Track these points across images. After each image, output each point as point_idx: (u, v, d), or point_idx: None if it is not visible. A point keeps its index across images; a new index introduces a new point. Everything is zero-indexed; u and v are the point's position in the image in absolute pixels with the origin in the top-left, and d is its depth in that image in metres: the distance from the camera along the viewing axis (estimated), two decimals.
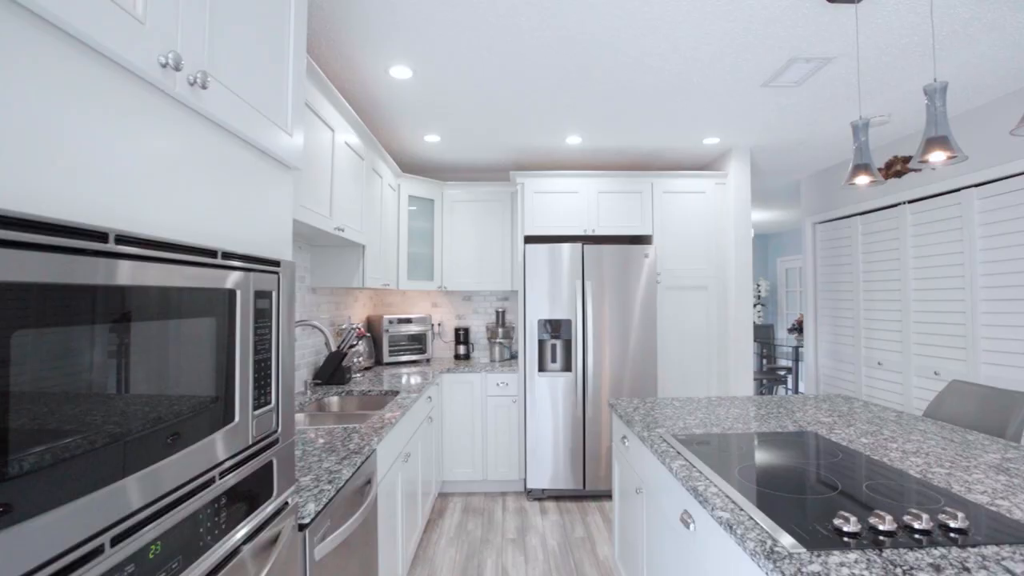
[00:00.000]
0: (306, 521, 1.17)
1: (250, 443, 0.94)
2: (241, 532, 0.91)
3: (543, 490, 3.37)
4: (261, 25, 1.00)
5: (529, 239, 3.59)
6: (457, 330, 3.83)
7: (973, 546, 0.99)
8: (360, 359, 3.08)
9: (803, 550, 0.98)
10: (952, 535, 1.04)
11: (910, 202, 3.14)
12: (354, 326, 2.96)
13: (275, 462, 1.04)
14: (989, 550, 0.98)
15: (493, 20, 1.92)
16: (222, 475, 0.85)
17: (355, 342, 2.84)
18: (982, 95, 2.61)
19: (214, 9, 0.83)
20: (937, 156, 1.37)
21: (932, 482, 1.32)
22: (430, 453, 2.98)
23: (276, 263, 1.05)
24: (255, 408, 0.96)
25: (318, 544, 1.23)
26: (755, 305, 6.82)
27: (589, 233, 3.48)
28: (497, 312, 3.88)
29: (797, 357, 5.68)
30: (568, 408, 3.32)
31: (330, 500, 1.31)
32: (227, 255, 0.87)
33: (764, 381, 5.76)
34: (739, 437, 1.73)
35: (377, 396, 2.62)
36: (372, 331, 3.62)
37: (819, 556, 0.96)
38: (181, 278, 0.75)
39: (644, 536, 1.88)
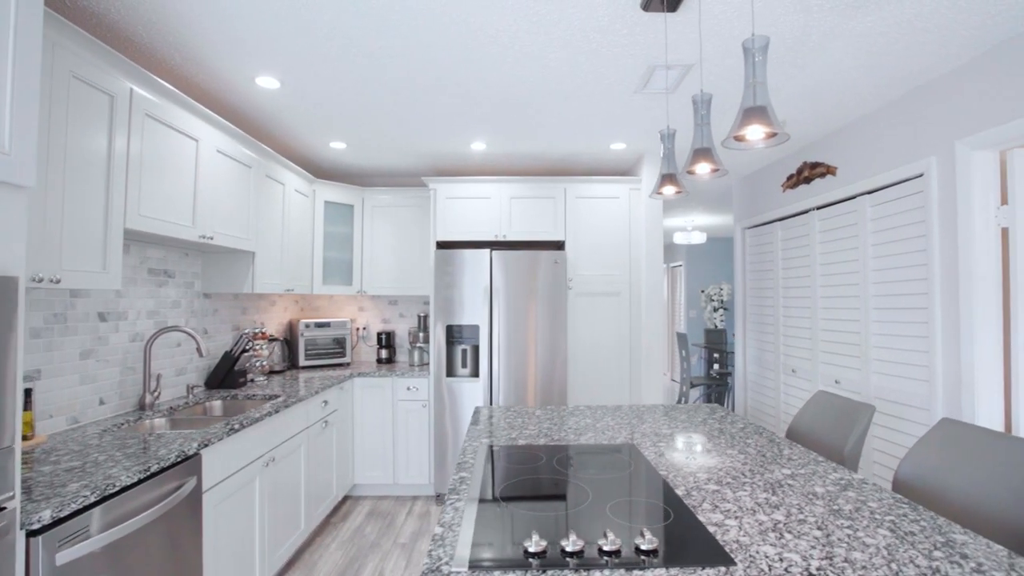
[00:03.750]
0: (36, 527, 1.20)
1: None
2: None
3: None
4: None
5: (442, 244, 3.59)
6: (380, 334, 3.85)
7: (642, 568, 0.98)
8: (264, 363, 3.12)
9: (464, 570, 0.97)
10: (642, 556, 1.03)
11: (818, 208, 3.08)
12: (255, 330, 2.99)
13: None
14: (654, 573, 0.97)
15: (331, 38, 1.93)
16: None
17: (249, 346, 2.88)
18: (866, 103, 2.55)
19: None
20: (703, 168, 1.35)
21: (687, 499, 1.30)
22: (328, 456, 3.01)
23: None
24: None
25: (63, 550, 1.26)
26: (716, 310, 6.75)
27: (500, 239, 3.48)
28: (419, 317, 3.90)
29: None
30: None
31: (86, 507, 1.33)
32: None
33: (713, 386, 5.68)
34: (554, 449, 1.73)
35: (261, 400, 2.65)
36: (292, 335, 3.66)
37: None
38: None
39: None
